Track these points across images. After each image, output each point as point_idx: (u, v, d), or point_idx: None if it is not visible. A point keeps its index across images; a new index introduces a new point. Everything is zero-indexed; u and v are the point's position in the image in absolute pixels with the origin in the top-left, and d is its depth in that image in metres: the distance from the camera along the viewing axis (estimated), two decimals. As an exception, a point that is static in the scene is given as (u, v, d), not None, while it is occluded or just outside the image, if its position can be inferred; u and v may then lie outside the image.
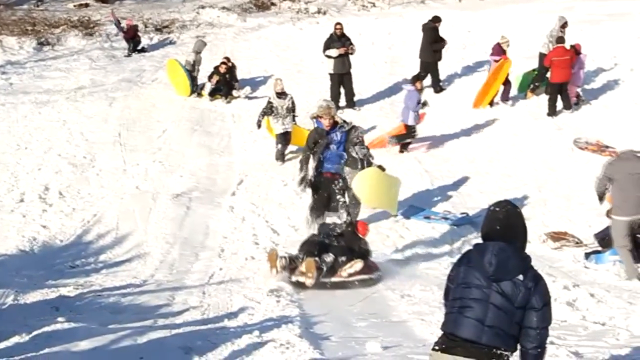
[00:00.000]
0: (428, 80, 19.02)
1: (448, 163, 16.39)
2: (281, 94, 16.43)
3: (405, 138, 16.80)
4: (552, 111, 18.13)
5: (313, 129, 12.18)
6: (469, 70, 21.02)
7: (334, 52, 18.73)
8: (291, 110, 16.38)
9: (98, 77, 21.77)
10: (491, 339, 4.83)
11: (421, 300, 9.88)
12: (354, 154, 11.73)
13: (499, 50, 18.84)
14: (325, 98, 11.98)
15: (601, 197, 10.96)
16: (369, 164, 12.05)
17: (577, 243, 11.93)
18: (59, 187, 15.18)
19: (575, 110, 18.21)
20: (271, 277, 10.56)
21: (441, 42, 19.79)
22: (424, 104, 16.59)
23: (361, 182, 12.15)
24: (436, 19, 19.85)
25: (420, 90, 16.56)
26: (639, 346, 7.69)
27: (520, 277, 4.87)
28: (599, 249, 11.61)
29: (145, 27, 25.90)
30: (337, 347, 7.89)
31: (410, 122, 16.53)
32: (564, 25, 18.96)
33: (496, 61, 18.61)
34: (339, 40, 18.86)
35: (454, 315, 4.94)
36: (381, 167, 12.78)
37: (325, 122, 11.45)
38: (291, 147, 16.81)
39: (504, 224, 5.00)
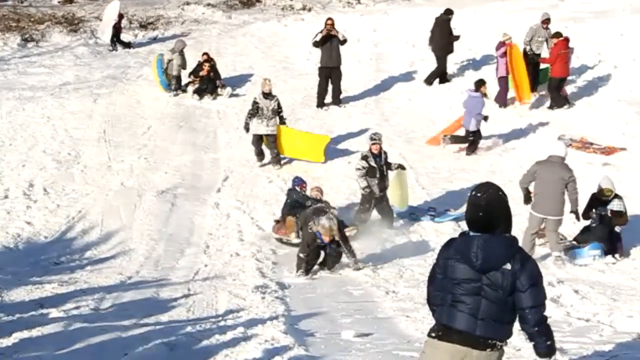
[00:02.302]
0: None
1: (433, 160, 16.41)
2: (268, 95, 16.12)
3: (462, 141, 16.70)
4: (557, 103, 18.15)
5: (306, 230, 11.57)
6: (453, 68, 20.99)
7: (318, 36, 18.76)
8: (276, 112, 16.17)
9: (83, 73, 21.64)
10: (484, 331, 4.89)
11: (406, 297, 9.93)
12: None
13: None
14: (329, 216, 11.31)
15: (526, 196, 11.63)
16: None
17: (561, 239, 11.97)
18: (43, 184, 15.10)
19: (561, 108, 18.24)
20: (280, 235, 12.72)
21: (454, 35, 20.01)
22: (485, 118, 16.30)
23: (394, 191, 13.42)
24: (449, 12, 19.88)
25: (485, 95, 16.36)
26: (623, 342, 7.74)
27: (508, 265, 4.90)
28: (577, 244, 11.88)
29: (130, 23, 25.81)
30: (322, 344, 7.90)
31: (472, 128, 16.31)
32: (545, 22, 18.90)
33: (503, 54, 18.34)
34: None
35: (447, 308, 4.97)
36: (401, 166, 13.68)
37: (326, 239, 11.34)
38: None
39: (486, 211, 4.96)
